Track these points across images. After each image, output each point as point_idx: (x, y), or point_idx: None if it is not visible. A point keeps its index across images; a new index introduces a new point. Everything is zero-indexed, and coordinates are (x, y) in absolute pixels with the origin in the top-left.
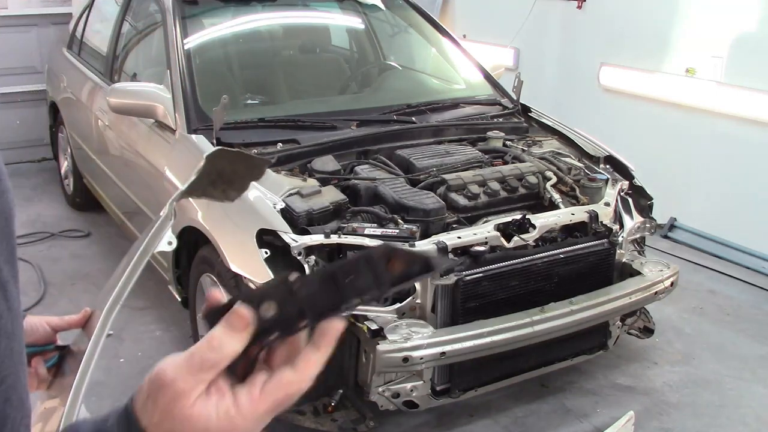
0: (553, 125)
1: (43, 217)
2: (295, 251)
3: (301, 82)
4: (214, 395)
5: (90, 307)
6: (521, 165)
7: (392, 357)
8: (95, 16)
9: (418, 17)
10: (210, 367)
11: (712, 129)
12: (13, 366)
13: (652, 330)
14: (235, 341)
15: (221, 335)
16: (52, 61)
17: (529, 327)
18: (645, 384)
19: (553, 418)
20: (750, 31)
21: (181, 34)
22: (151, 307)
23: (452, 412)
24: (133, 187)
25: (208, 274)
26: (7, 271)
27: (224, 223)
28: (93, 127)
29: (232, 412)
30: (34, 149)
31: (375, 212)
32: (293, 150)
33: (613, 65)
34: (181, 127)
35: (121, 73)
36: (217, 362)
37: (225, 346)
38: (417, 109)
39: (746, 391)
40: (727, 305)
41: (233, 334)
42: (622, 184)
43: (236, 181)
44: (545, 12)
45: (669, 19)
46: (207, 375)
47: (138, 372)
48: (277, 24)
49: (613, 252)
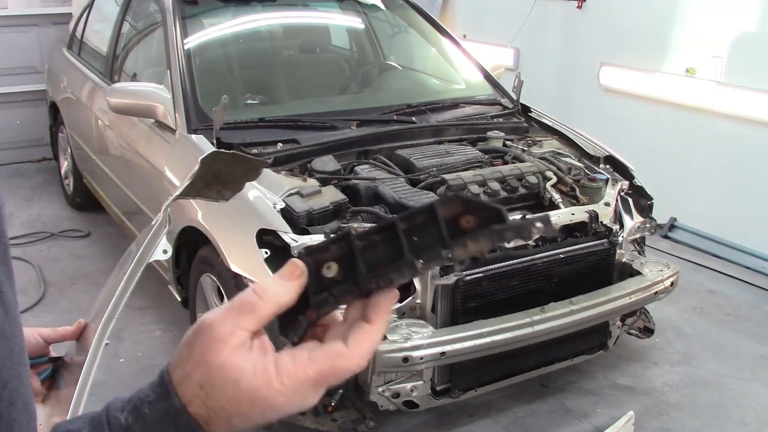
0: (553, 125)
1: (43, 217)
2: (295, 251)
3: (301, 82)
4: (257, 350)
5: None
6: (521, 165)
7: (392, 357)
8: (95, 16)
9: (418, 17)
10: (250, 311)
11: (712, 129)
12: (15, 369)
13: (652, 330)
14: (282, 289)
15: (268, 280)
16: (52, 61)
17: (529, 327)
18: (645, 384)
19: (553, 418)
20: (750, 31)
21: (181, 34)
22: (151, 307)
23: (452, 412)
24: (133, 187)
25: (208, 274)
26: (2, 272)
27: (224, 223)
28: (93, 127)
29: (271, 370)
30: (34, 149)
31: (375, 212)
32: (293, 150)
33: (613, 65)
34: (181, 127)
35: (121, 73)
36: (258, 307)
37: (269, 292)
38: (417, 109)
39: (746, 391)
40: (727, 305)
41: (281, 282)
42: (622, 184)
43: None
44: (545, 12)
45: (669, 19)
46: (247, 321)
47: (138, 372)
48: (277, 24)
49: (613, 252)
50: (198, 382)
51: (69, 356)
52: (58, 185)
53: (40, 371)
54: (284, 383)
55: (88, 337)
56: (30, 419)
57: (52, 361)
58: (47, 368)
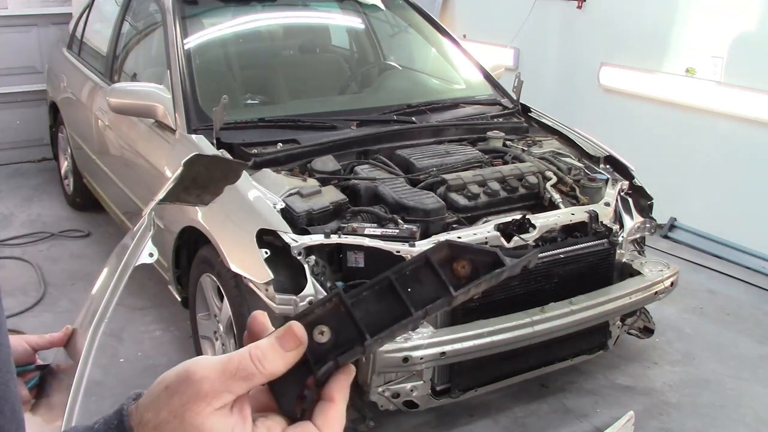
0: (553, 125)
1: (43, 217)
2: (295, 251)
3: (301, 82)
4: (236, 416)
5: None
6: (521, 165)
7: (392, 357)
8: (95, 16)
9: (418, 17)
10: (244, 378)
11: (712, 129)
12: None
13: (652, 330)
14: (280, 359)
15: (266, 348)
16: (52, 61)
17: (529, 327)
18: (645, 384)
19: (553, 418)
20: (750, 31)
21: (181, 34)
22: (151, 307)
23: (452, 412)
24: (133, 187)
25: (208, 274)
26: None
27: (224, 223)
28: (93, 127)
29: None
30: (34, 149)
31: (375, 212)
32: (293, 150)
33: (613, 65)
34: (181, 127)
35: (121, 73)
36: (253, 376)
37: (267, 361)
38: (417, 109)
39: (746, 391)
40: (727, 305)
41: (280, 351)
42: (622, 184)
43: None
44: (545, 12)
45: (669, 19)
46: (238, 387)
47: (138, 372)
48: (277, 24)
49: (613, 252)
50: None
51: (56, 363)
52: (58, 185)
53: (27, 379)
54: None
55: (76, 344)
56: (18, 427)
57: (39, 368)
58: (34, 376)
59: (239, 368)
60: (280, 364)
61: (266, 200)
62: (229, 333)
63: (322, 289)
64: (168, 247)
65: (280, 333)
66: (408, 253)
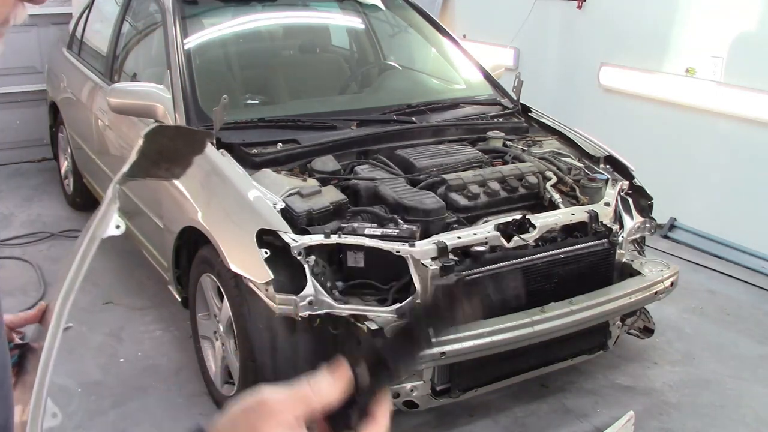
0: (553, 125)
1: (43, 217)
2: (295, 251)
3: (301, 82)
4: (297, 429)
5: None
6: (521, 165)
7: None
8: (95, 16)
9: (418, 17)
10: (303, 401)
11: (712, 129)
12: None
13: (652, 330)
14: (331, 387)
15: (320, 377)
16: (52, 61)
17: (529, 327)
18: (645, 384)
19: (553, 418)
20: (750, 31)
21: (181, 34)
22: (151, 307)
23: (452, 412)
24: (133, 187)
25: (208, 274)
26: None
27: (224, 223)
28: (93, 127)
29: None
30: (34, 149)
31: (375, 212)
32: (293, 150)
33: (613, 65)
34: None
35: (121, 73)
36: (311, 402)
37: (322, 388)
38: (417, 109)
39: (746, 391)
40: (727, 305)
41: (332, 380)
42: (622, 184)
43: (178, 158)
44: (545, 12)
45: (669, 19)
46: (299, 410)
47: (138, 372)
48: (277, 24)
49: (613, 252)
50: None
51: (33, 340)
52: (58, 185)
53: None
54: None
55: (49, 319)
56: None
57: (18, 347)
58: (14, 354)
59: (301, 393)
60: (331, 392)
61: (266, 200)
62: (229, 333)
63: (322, 289)
64: (168, 247)
65: (333, 364)
66: (408, 253)
